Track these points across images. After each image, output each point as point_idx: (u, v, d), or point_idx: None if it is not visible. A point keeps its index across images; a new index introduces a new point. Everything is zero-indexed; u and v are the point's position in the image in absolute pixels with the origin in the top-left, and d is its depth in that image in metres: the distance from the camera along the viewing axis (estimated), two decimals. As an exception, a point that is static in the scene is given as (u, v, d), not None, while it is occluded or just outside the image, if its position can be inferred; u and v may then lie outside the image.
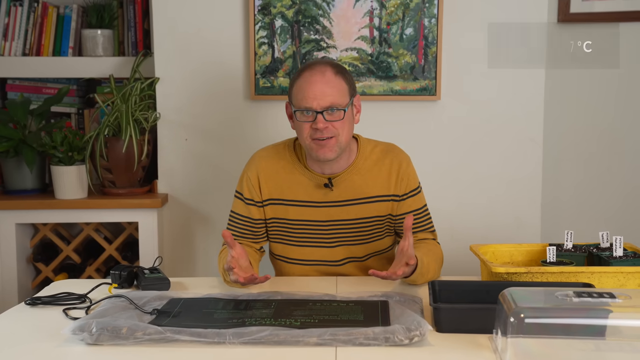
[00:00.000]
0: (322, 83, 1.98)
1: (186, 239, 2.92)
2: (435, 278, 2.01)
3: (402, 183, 2.12)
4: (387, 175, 2.11)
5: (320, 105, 1.97)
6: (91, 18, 2.96)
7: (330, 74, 2.00)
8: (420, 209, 2.15)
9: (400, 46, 2.76)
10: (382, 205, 2.12)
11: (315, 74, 1.99)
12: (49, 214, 2.77)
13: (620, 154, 2.84)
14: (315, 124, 1.98)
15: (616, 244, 1.94)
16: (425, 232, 2.16)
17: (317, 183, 2.10)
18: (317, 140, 1.99)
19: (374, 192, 2.11)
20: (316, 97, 1.97)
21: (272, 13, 2.74)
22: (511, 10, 2.78)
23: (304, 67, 2.04)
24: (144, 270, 1.97)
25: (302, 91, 1.99)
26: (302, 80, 2.00)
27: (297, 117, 2.01)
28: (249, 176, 2.14)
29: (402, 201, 2.13)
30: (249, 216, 2.14)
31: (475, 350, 1.49)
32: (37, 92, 3.04)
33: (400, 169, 2.12)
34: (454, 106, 2.83)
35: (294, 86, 2.04)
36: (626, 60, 2.78)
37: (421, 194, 2.17)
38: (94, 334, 1.52)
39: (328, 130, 1.98)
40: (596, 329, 1.40)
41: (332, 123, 1.98)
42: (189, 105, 2.85)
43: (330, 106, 1.97)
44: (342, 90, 2.01)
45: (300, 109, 1.99)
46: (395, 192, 2.12)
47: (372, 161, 2.12)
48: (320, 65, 2.03)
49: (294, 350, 1.49)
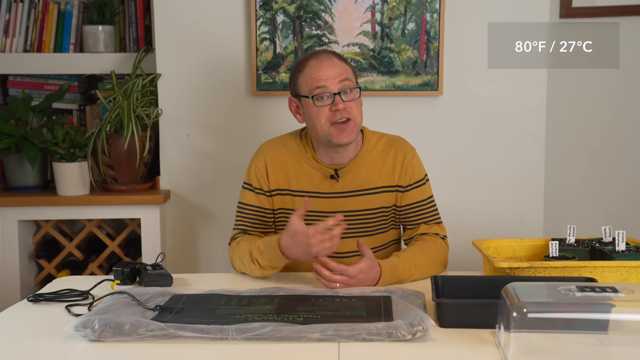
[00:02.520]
0: (332, 66, 2.03)
1: (188, 235, 2.92)
2: (430, 273, 1.99)
3: (406, 174, 2.12)
4: (392, 165, 2.12)
5: (336, 84, 2.01)
6: (92, 14, 2.95)
7: (336, 59, 2.06)
8: (424, 200, 2.15)
9: (402, 41, 2.75)
10: (387, 196, 2.12)
11: (323, 59, 2.04)
12: (51, 210, 2.77)
13: (622, 149, 2.84)
14: (335, 105, 2.00)
15: (619, 239, 1.93)
16: (429, 225, 2.15)
17: (323, 174, 2.11)
18: (337, 124, 2.01)
19: (379, 182, 2.11)
20: (330, 78, 2.01)
21: (273, 8, 2.74)
22: (513, 6, 2.77)
23: (307, 57, 2.08)
24: (147, 266, 1.97)
25: (314, 76, 2.02)
26: (311, 68, 2.04)
27: (315, 103, 2.01)
28: (257, 166, 2.14)
29: (407, 192, 2.13)
30: (260, 206, 2.15)
31: (478, 345, 1.49)
32: (38, 89, 3.04)
33: (405, 160, 2.13)
34: (456, 101, 2.82)
35: (300, 77, 2.06)
36: (628, 56, 2.77)
37: (427, 185, 2.16)
38: (96, 330, 1.52)
39: (346, 111, 2.01)
40: (599, 323, 1.40)
41: (348, 104, 2.01)
42: (190, 101, 2.84)
43: (345, 86, 2.01)
44: (349, 71, 2.06)
45: (315, 94, 2.01)
46: (400, 182, 2.12)
47: (377, 152, 2.13)
48: (324, 52, 2.08)
49: (297, 345, 1.49)
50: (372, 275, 1.90)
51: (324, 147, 2.09)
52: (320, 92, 2.01)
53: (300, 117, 2.11)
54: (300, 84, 2.06)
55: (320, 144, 2.09)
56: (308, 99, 2.03)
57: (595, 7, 2.74)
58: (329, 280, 1.86)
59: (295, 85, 2.08)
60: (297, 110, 2.11)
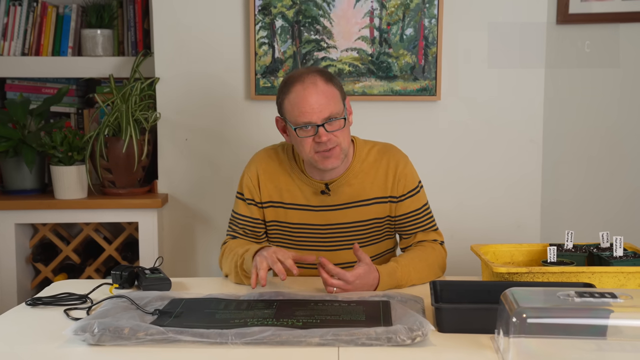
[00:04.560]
0: (317, 95, 1.94)
1: (186, 239, 2.92)
2: (428, 279, 1.98)
3: (399, 184, 2.10)
4: (384, 176, 2.10)
5: (320, 117, 1.94)
6: (91, 18, 2.95)
7: (322, 84, 1.96)
8: (419, 209, 2.13)
9: (400, 46, 2.76)
10: (380, 207, 2.11)
11: (307, 86, 1.95)
12: (48, 214, 2.77)
13: (620, 155, 2.85)
14: (318, 137, 1.95)
15: (616, 244, 1.94)
16: (426, 232, 2.15)
17: (314, 189, 2.09)
18: (321, 152, 1.97)
19: (371, 194, 2.10)
20: (314, 111, 1.93)
21: (272, 13, 2.74)
22: (511, 11, 2.78)
23: (293, 80, 1.98)
24: (145, 270, 1.97)
25: (298, 107, 1.95)
26: (295, 95, 1.96)
27: (298, 133, 1.97)
28: (249, 177, 2.14)
29: (401, 202, 2.11)
30: (250, 216, 2.14)
31: (478, 350, 1.49)
32: (36, 92, 3.04)
33: (397, 170, 2.10)
34: (454, 107, 2.83)
35: (285, 101, 1.99)
36: (625, 61, 2.78)
37: (421, 193, 2.14)
38: (95, 334, 1.52)
39: (331, 141, 1.96)
40: (598, 329, 1.40)
41: (333, 133, 1.96)
42: (189, 105, 2.84)
43: (330, 117, 1.95)
44: (336, 98, 1.98)
45: (299, 125, 1.96)
46: (393, 193, 2.10)
47: (368, 163, 2.11)
48: (309, 75, 1.97)
49: (297, 350, 1.49)
50: (370, 281, 1.89)
51: (312, 167, 2.07)
52: (303, 124, 1.95)
53: (287, 138, 2.08)
54: (285, 109, 2.00)
55: (309, 165, 2.08)
56: (292, 128, 1.99)
57: (592, 14, 2.75)
58: (325, 283, 1.86)
59: (280, 106, 2.03)
60: (284, 130, 2.07)
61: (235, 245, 2.11)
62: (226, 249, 2.12)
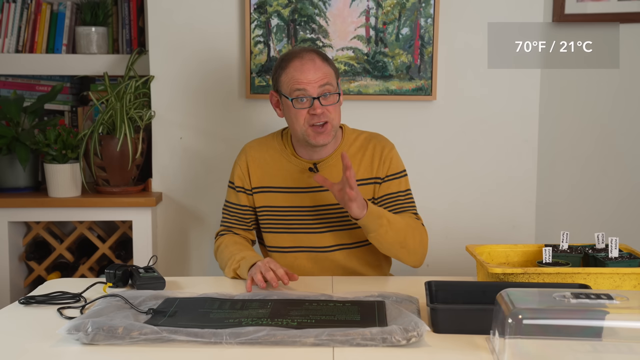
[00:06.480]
0: (315, 69, 2.06)
1: (180, 237, 2.91)
2: (407, 241, 2.04)
3: (384, 165, 2.17)
4: (370, 158, 2.17)
5: (316, 90, 2.04)
6: (85, 15, 2.94)
7: (319, 61, 2.08)
8: (402, 192, 2.18)
9: (396, 46, 2.75)
10: (365, 189, 2.16)
11: (306, 62, 2.07)
12: (42, 212, 2.75)
13: (615, 155, 2.85)
14: (312, 109, 2.05)
15: (612, 245, 1.94)
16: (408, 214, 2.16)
17: (302, 168, 2.16)
18: (314, 126, 2.06)
19: (357, 175, 2.14)
20: (310, 82, 2.05)
21: (268, 12, 2.73)
22: (506, 11, 2.78)
23: (292, 56, 2.10)
24: (139, 269, 1.96)
25: (296, 79, 2.06)
26: (293, 69, 2.07)
27: (294, 105, 2.06)
28: (239, 165, 2.23)
29: (385, 182, 2.17)
30: (238, 203, 2.23)
31: (473, 351, 1.49)
32: (30, 90, 3.03)
33: (383, 153, 2.17)
34: (450, 106, 2.83)
35: (282, 75, 2.09)
36: (621, 62, 2.79)
37: (405, 179, 2.20)
38: (89, 333, 1.51)
39: (324, 114, 2.06)
40: (593, 330, 1.40)
41: (327, 108, 2.06)
42: (183, 103, 2.83)
43: (325, 90, 2.05)
44: (331, 75, 2.10)
45: (296, 96, 2.05)
46: (378, 174, 2.17)
47: (356, 147, 2.19)
48: (307, 52, 2.10)
49: (291, 350, 1.49)
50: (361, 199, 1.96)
51: (302, 145, 2.15)
52: (299, 94, 2.05)
53: (279, 112, 2.17)
54: (281, 82, 2.10)
55: (299, 142, 2.15)
56: (288, 99, 2.07)
57: (587, 14, 2.75)
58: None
59: (276, 81, 2.13)
60: (277, 105, 2.17)
61: (230, 242, 2.16)
62: (221, 244, 2.19)
